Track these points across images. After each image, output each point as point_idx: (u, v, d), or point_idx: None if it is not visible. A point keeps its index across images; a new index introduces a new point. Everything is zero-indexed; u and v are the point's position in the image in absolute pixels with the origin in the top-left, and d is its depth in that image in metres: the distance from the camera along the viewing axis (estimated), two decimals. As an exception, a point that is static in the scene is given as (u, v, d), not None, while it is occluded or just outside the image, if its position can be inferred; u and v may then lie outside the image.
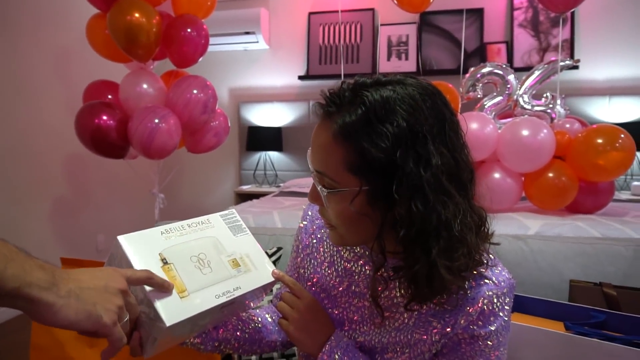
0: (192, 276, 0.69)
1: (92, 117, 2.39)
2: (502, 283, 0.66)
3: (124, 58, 2.54)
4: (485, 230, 0.66)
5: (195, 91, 2.52)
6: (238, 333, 0.80)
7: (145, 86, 2.50)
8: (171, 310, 0.63)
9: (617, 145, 1.88)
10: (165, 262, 0.68)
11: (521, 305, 1.08)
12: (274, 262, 1.37)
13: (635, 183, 3.03)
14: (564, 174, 1.96)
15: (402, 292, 0.70)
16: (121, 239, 0.67)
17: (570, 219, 1.90)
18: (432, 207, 0.57)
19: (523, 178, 2.10)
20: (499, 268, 0.68)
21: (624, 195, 2.93)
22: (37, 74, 2.87)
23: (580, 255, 1.36)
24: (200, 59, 2.68)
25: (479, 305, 0.64)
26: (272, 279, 0.78)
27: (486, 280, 0.65)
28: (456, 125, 0.64)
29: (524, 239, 1.42)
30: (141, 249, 0.67)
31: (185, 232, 0.75)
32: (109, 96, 2.58)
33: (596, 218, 1.91)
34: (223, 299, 0.70)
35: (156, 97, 2.51)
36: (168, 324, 0.62)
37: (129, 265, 0.65)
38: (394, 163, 0.57)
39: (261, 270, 0.78)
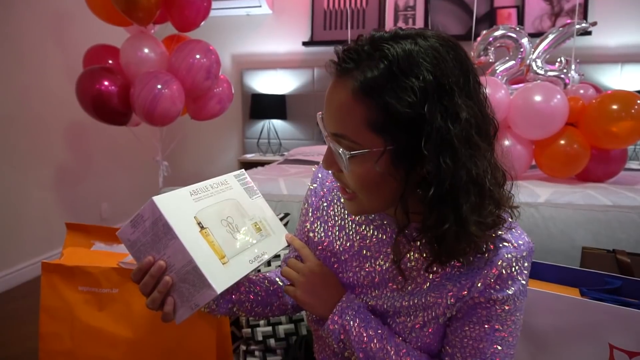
0: (226, 241, 0.69)
1: (93, 82, 2.34)
2: (522, 246, 0.63)
3: (124, 21, 2.46)
4: (509, 186, 0.64)
5: (198, 56, 2.45)
6: (251, 295, 0.80)
7: (146, 51, 2.43)
8: (218, 277, 0.63)
9: (633, 111, 1.82)
10: (201, 226, 0.67)
11: (534, 271, 1.07)
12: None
13: (645, 152, 2.99)
14: (576, 141, 1.92)
15: (420, 255, 0.68)
16: (157, 200, 0.63)
17: (580, 187, 1.87)
18: (463, 163, 0.55)
19: (534, 146, 2.07)
20: (519, 231, 0.65)
21: (634, 164, 2.89)
22: (35, 38, 2.80)
23: (591, 222, 1.34)
24: (202, 24, 2.60)
25: (497, 268, 0.62)
26: (285, 245, 0.79)
27: (505, 243, 0.63)
28: (479, 78, 0.61)
29: (535, 206, 1.40)
30: (177, 212, 0.65)
31: (211, 194, 0.73)
32: (110, 61, 2.52)
33: (607, 186, 1.88)
34: (255, 264, 0.71)
35: (158, 62, 2.45)
36: (219, 291, 0.62)
37: (167, 228, 0.63)
38: (421, 118, 0.54)
39: (278, 235, 0.79)
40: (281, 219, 1.36)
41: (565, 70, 2.19)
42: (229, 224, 0.72)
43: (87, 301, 1.08)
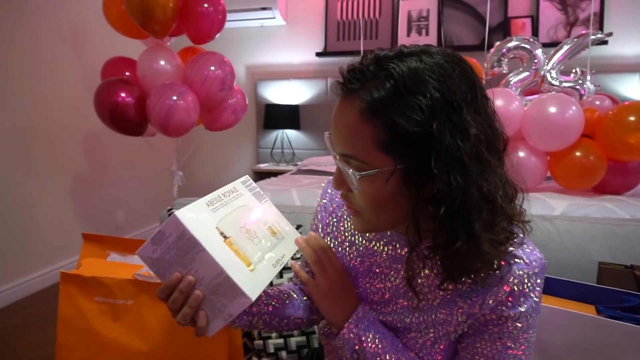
0: (249, 248, 0.70)
1: (111, 94, 2.39)
2: (534, 262, 0.62)
3: (141, 34, 2.51)
4: (520, 202, 0.63)
5: (212, 68, 2.48)
6: (270, 308, 0.80)
7: (162, 63, 2.47)
8: (249, 284, 0.64)
9: (650, 123, 1.80)
10: (224, 236, 0.67)
11: (548, 286, 1.05)
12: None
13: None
14: (592, 152, 1.90)
15: (431, 271, 0.67)
16: (179, 215, 0.63)
17: (597, 199, 1.84)
18: (474, 180, 0.54)
19: (548, 157, 2.04)
20: (530, 247, 0.64)
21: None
22: (53, 50, 2.87)
23: (608, 237, 1.31)
24: (217, 36, 2.64)
25: (509, 285, 0.61)
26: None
27: (517, 260, 0.62)
28: (486, 93, 0.60)
29: (550, 219, 1.38)
30: (199, 225, 0.65)
31: (225, 203, 0.73)
32: (127, 73, 2.57)
33: (624, 199, 1.85)
34: (278, 268, 0.72)
35: (173, 73, 2.49)
36: (253, 298, 0.63)
37: (193, 242, 0.62)
38: (430, 136, 0.53)
39: (292, 236, 0.80)
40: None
41: (580, 81, 2.16)
42: (247, 230, 0.72)
43: (103, 312, 1.09)
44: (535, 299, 0.63)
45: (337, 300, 0.72)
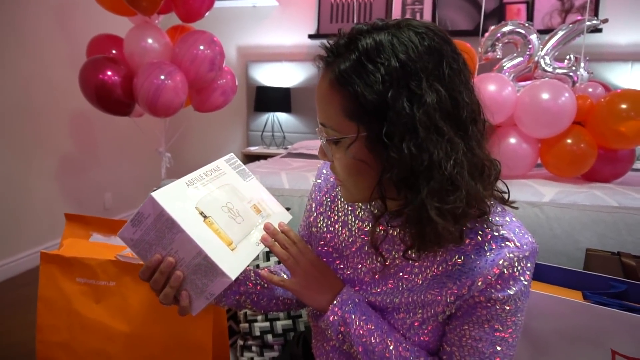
0: (231, 227, 0.69)
1: (97, 72, 2.33)
2: (525, 246, 0.62)
3: (128, 11, 2.45)
4: (491, 178, 0.63)
5: (202, 47, 2.43)
6: (258, 287, 0.81)
7: (150, 41, 2.41)
8: (229, 264, 0.64)
9: (642, 111, 1.79)
10: (204, 215, 0.67)
11: (536, 272, 1.05)
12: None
13: (653, 153, 2.94)
14: (583, 140, 1.89)
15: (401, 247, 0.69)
16: (156, 196, 0.62)
17: (586, 187, 1.84)
18: (425, 147, 0.55)
19: (540, 144, 2.04)
20: (522, 230, 0.64)
21: (641, 165, 2.85)
22: (39, 27, 2.78)
23: (597, 224, 1.31)
24: (207, 14, 2.58)
25: (499, 267, 0.61)
26: (290, 218, 0.82)
27: (507, 242, 0.62)
28: (459, 63, 0.60)
29: (540, 206, 1.37)
30: (178, 205, 0.64)
31: (206, 182, 0.73)
32: (113, 51, 2.51)
33: (613, 187, 1.85)
34: (262, 246, 0.72)
35: (162, 52, 2.44)
36: (233, 277, 0.63)
37: (170, 223, 0.62)
38: (386, 104, 0.56)
39: (279, 214, 0.80)
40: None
41: (574, 68, 2.15)
42: (229, 209, 0.71)
43: (84, 293, 1.07)
44: (524, 282, 0.62)
45: (319, 289, 0.73)
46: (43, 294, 1.10)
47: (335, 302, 0.71)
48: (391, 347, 0.67)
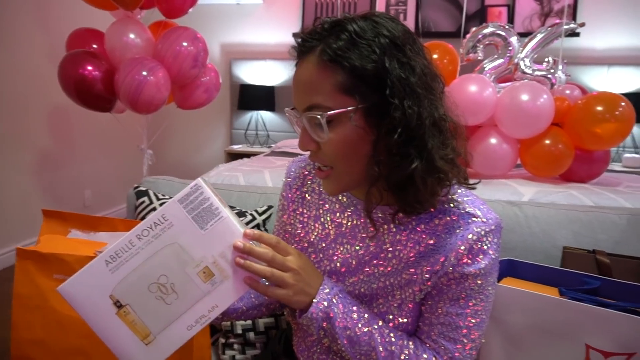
0: (154, 314, 0.61)
1: (76, 67, 2.29)
2: (490, 220, 0.67)
3: (110, 5, 2.40)
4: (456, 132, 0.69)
5: (185, 43, 2.41)
6: (243, 306, 0.83)
7: (132, 36, 2.38)
8: (142, 358, 0.60)
9: (617, 113, 1.84)
10: (119, 305, 0.60)
11: (514, 269, 1.07)
12: (264, 221, 1.34)
13: (627, 155, 3.03)
14: (560, 141, 1.94)
15: (395, 235, 0.71)
16: (64, 288, 0.60)
17: (563, 187, 1.88)
18: (425, 106, 0.62)
19: (519, 144, 2.07)
20: (486, 207, 0.69)
21: (616, 166, 2.93)
22: (17, 19, 2.72)
23: (573, 223, 1.34)
24: (190, 10, 2.55)
25: (468, 242, 0.65)
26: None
27: (474, 219, 0.67)
28: (418, 41, 0.68)
29: (519, 205, 1.40)
30: (87, 298, 0.60)
31: (137, 251, 0.60)
32: (94, 45, 2.46)
33: (589, 187, 1.90)
34: (198, 328, 0.62)
35: (144, 48, 2.41)
36: None
37: (82, 314, 0.61)
38: (384, 71, 0.60)
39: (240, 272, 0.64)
40: (264, 212, 1.35)
41: (552, 70, 2.20)
42: (160, 286, 0.61)
43: (62, 290, 1.05)
44: (493, 256, 0.67)
45: (305, 289, 0.67)
46: (18, 291, 1.07)
47: (318, 298, 0.67)
48: (376, 335, 0.68)
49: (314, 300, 0.67)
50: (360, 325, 0.68)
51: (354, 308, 0.69)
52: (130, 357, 0.60)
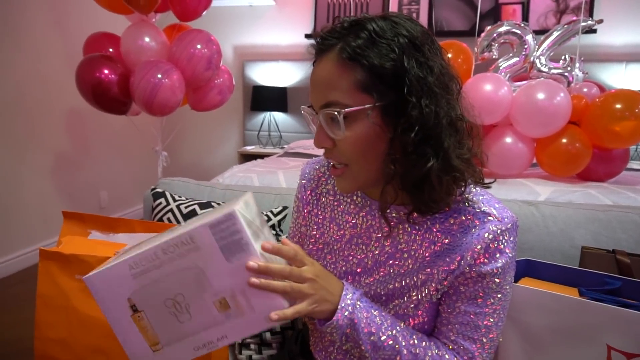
0: (166, 327, 0.61)
1: (93, 70, 2.32)
2: (506, 219, 0.66)
3: (125, 9, 2.44)
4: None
5: (199, 46, 2.43)
6: None
7: (147, 39, 2.41)
8: None
9: (637, 111, 1.81)
10: (135, 309, 0.62)
11: (532, 269, 1.06)
12: (279, 222, 1.34)
13: (647, 152, 2.97)
14: (578, 139, 1.91)
15: (410, 235, 0.71)
16: (91, 279, 0.62)
17: (581, 186, 1.86)
18: (442, 105, 0.62)
19: (535, 143, 2.05)
20: (502, 206, 0.68)
21: (635, 164, 2.87)
22: (35, 24, 2.77)
23: (592, 222, 1.32)
24: (204, 14, 2.57)
25: (485, 241, 0.65)
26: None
27: (489, 217, 0.66)
28: (435, 42, 0.68)
29: (535, 204, 1.39)
30: (108, 293, 0.62)
31: (160, 264, 0.60)
32: (110, 49, 2.50)
33: (608, 186, 1.87)
34: (204, 351, 0.62)
35: (158, 51, 2.43)
36: None
37: (103, 309, 0.63)
38: (403, 70, 0.61)
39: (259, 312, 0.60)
40: (279, 212, 1.35)
41: (569, 68, 2.17)
42: (175, 303, 0.61)
43: (83, 290, 1.07)
44: (510, 254, 0.66)
45: (326, 297, 0.65)
46: (42, 291, 1.09)
47: (341, 306, 0.65)
48: (400, 339, 0.67)
49: (338, 307, 0.65)
50: (383, 330, 0.67)
51: (376, 312, 0.68)
52: (135, 354, 0.62)
